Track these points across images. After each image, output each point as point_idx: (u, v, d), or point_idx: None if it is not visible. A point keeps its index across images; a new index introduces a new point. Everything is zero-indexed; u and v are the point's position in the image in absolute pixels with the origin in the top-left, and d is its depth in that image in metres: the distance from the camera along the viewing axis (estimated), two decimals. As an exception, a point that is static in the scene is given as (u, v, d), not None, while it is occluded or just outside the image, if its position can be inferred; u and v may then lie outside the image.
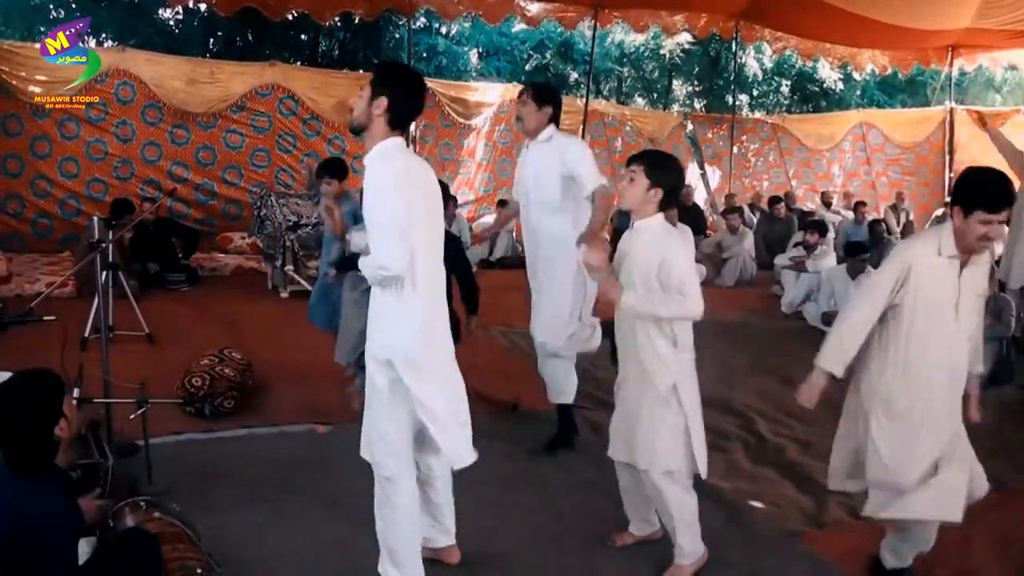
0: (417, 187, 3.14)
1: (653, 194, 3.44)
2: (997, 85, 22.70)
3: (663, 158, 3.61)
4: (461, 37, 20.65)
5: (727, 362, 7.00)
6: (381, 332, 3.19)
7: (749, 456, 5.13)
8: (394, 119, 3.14)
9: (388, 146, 3.14)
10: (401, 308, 3.11)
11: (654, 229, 3.46)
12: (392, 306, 3.13)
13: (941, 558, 3.84)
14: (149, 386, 4.19)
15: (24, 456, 2.65)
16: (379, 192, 3.05)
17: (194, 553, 3.07)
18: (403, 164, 3.12)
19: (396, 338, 3.14)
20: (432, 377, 3.20)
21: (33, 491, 2.61)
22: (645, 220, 3.47)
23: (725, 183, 16.57)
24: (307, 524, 3.96)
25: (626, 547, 3.87)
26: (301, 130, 12.49)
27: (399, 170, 3.09)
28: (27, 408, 2.67)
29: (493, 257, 12.51)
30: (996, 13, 12.85)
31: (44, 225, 10.96)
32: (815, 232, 9.95)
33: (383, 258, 3.00)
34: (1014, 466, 5.03)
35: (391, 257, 3.00)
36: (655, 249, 3.39)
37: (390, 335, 3.16)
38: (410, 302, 3.11)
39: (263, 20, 13.55)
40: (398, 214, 3.00)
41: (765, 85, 22.96)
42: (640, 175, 3.44)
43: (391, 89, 3.12)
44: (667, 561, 3.66)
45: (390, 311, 3.14)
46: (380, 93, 3.11)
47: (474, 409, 3.50)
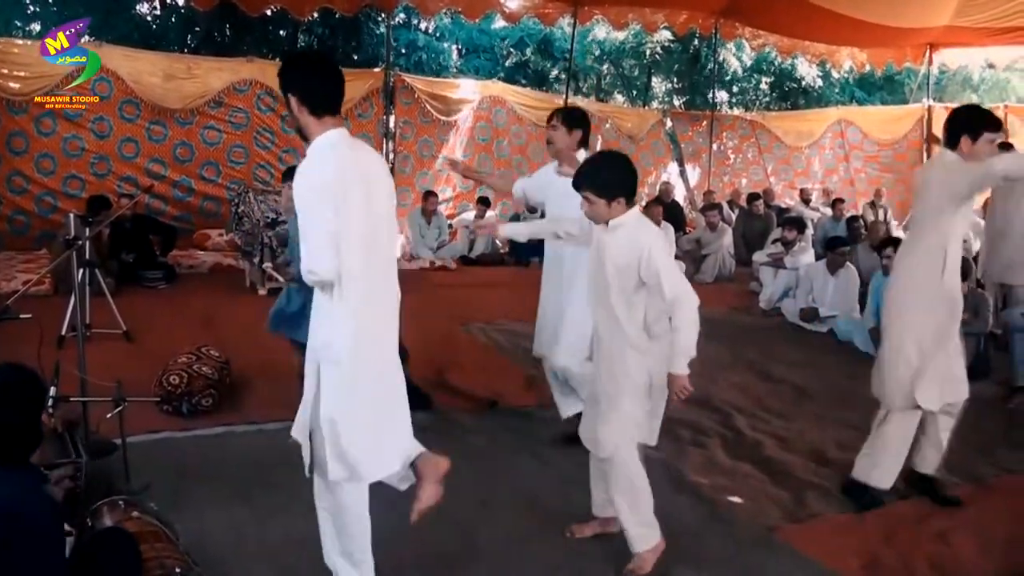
0: (353, 184, 3.05)
1: (616, 204, 3.45)
2: (975, 84, 22.88)
3: (605, 169, 3.55)
4: (441, 33, 20.62)
5: (706, 358, 6.99)
6: (314, 333, 3.15)
7: (727, 451, 5.15)
8: (314, 106, 3.08)
9: (327, 140, 3.08)
10: (333, 310, 3.06)
11: (629, 224, 3.48)
12: (325, 307, 3.09)
13: (921, 552, 3.88)
14: (126, 384, 4.16)
15: (9, 448, 2.63)
16: (306, 199, 2.99)
17: (172, 552, 3.05)
18: (338, 162, 3.05)
19: (327, 339, 3.09)
20: (354, 383, 3.11)
21: (14, 482, 2.59)
22: (619, 218, 3.49)
23: (704, 180, 16.65)
24: (286, 522, 3.94)
25: (599, 538, 3.89)
26: (279, 126, 12.40)
27: (328, 174, 3.01)
28: (14, 399, 2.65)
29: (473, 254, 12.50)
30: (974, 11, 12.96)
31: (21, 222, 10.85)
32: (793, 229, 9.99)
33: (311, 263, 2.97)
34: (992, 461, 5.10)
35: (318, 262, 2.96)
36: (633, 245, 3.41)
37: (322, 336, 3.11)
38: (340, 305, 3.05)
39: (241, 15, 13.49)
40: (326, 220, 2.95)
41: (744, 82, 23.09)
42: (593, 196, 3.46)
43: (293, 82, 3.11)
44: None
45: (324, 312, 3.11)
46: (288, 91, 3.11)
47: (453, 405, 3.51)
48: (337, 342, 3.06)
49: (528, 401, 5.84)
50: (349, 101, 11.83)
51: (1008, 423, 5.83)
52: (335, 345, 3.06)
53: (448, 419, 5.41)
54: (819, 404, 6.10)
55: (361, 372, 3.12)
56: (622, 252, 3.46)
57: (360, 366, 3.11)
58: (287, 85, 3.12)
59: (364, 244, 3.07)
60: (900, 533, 4.07)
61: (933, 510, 4.34)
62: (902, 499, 4.48)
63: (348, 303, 3.04)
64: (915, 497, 4.48)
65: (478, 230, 3.39)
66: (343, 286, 3.02)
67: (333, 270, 2.98)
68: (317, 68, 3.18)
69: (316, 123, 3.09)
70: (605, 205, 3.45)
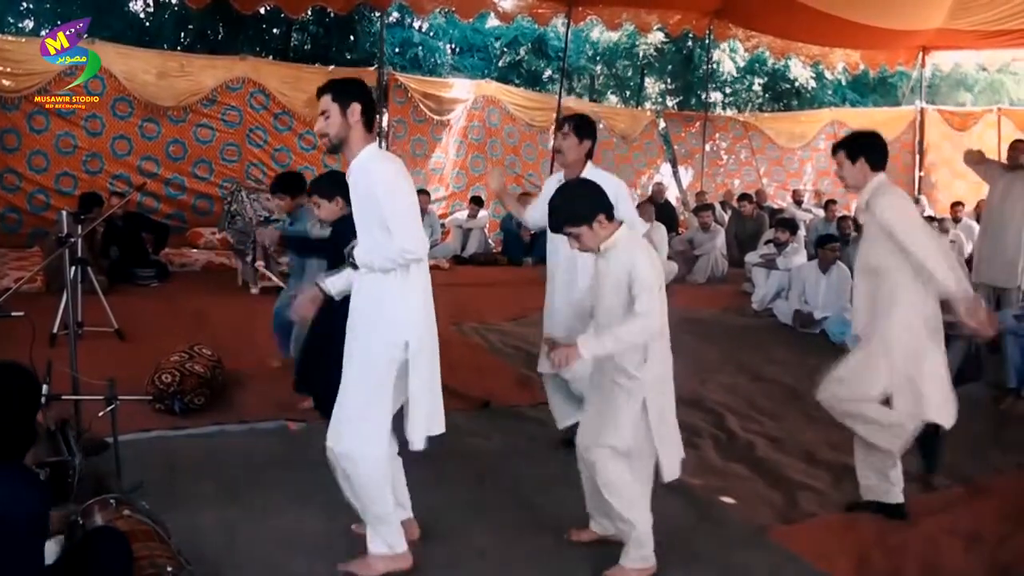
0: (406, 180, 3.39)
1: (598, 225, 3.43)
2: (968, 86, 22.93)
3: (568, 202, 3.53)
4: (435, 32, 20.60)
5: (698, 359, 7.04)
6: (392, 314, 3.35)
7: (719, 452, 5.16)
8: (368, 122, 3.37)
9: (374, 150, 3.39)
10: (408, 294, 3.36)
11: (620, 244, 3.46)
12: (398, 289, 3.34)
13: (910, 553, 3.89)
14: (118, 383, 4.15)
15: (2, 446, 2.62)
16: (390, 185, 3.29)
17: (164, 551, 3.05)
18: (394, 164, 3.41)
19: (407, 318, 3.36)
20: (432, 355, 3.46)
21: (4, 481, 2.58)
22: (609, 240, 3.46)
23: (697, 181, 16.67)
24: (278, 521, 3.94)
25: (594, 544, 3.87)
26: (272, 125, 12.43)
27: (399, 167, 3.39)
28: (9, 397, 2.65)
29: (466, 253, 12.51)
30: (968, 14, 12.98)
31: (12, 219, 10.82)
32: (786, 230, 10.02)
33: (407, 242, 3.24)
34: (983, 462, 5.12)
35: (414, 241, 3.26)
36: (624, 261, 3.40)
37: (400, 316, 3.35)
38: (410, 289, 3.36)
39: (235, 14, 13.51)
40: (412, 202, 3.34)
41: (738, 83, 23.08)
42: (574, 229, 3.46)
43: (360, 94, 3.37)
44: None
45: (396, 294, 3.35)
46: (351, 101, 3.33)
47: (447, 406, 3.52)
48: (418, 322, 3.39)
49: (521, 400, 5.85)
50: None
51: (999, 424, 5.84)
52: (416, 324, 3.38)
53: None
54: (811, 405, 6.06)
55: (428, 347, 3.43)
56: (616, 271, 3.44)
57: (428, 342, 3.43)
58: (352, 95, 3.36)
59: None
60: (891, 534, 4.06)
61: (924, 511, 4.34)
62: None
63: (417, 285, 3.40)
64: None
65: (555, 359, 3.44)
66: (412, 269, 3.36)
67: (425, 247, 3.34)
68: (369, 92, 3.50)
69: (364, 138, 3.38)
70: (589, 231, 3.44)
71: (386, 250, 3.28)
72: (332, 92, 3.34)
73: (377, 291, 3.37)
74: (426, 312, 3.44)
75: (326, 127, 3.34)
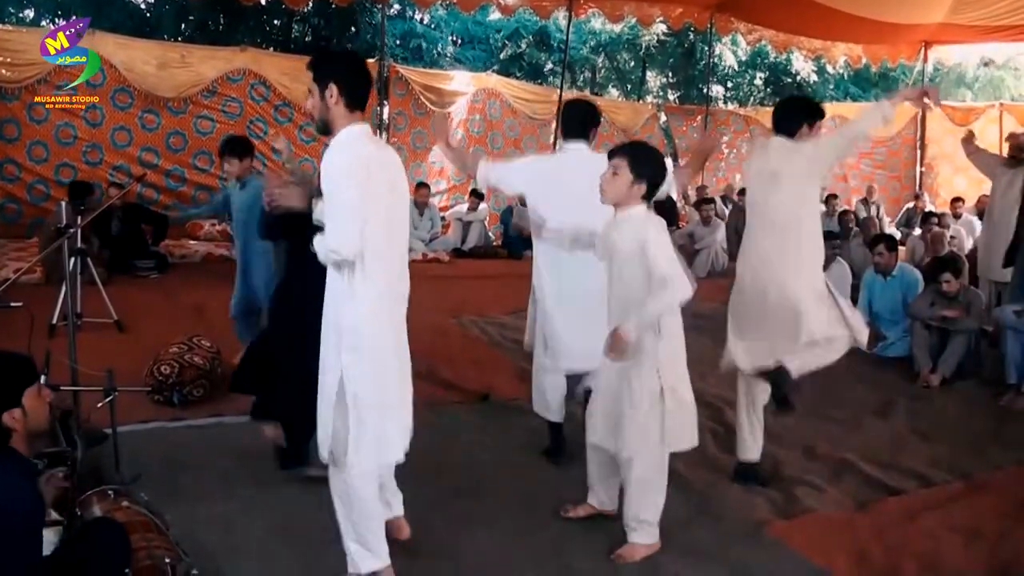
0: (379, 174, 3.19)
1: (637, 188, 3.45)
2: (969, 81, 22.87)
3: (647, 151, 3.61)
4: (436, 24, 20.55)
5: (697, 352, 6.98)
6: (336, 318, 3.22)
7: (718, 446, 5.16)
8: (349, 101, 3.19)
9: (353, 132, 3.20)
10: (357, 292, 3.15)
11: (635, 218, 3.47)
12: (346, 291, 3.16)
13: (909, 549, 3.89)
14: (117, 374, 4.13)
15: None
16: (334, 179, 3.09)
17: (162, 542, 3.05)
18: (364, 152, 3.18)
19: (352, 324, 3.17)
20: (373, 363, 3.22)
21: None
22: (627, 209, 3.48)
23: (698, 175, 16.61)
24: (275, 513, 3.95)
25: (594, 531, 3.89)
26: (272, 116, 12.38)
27: (357, 158, 3.14)
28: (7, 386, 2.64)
29: (466, 246, 12.50)
30: (969, 9, 12.96)
31: (12, 210, 10.81)
32: (786, 225, 9.96)
33: (334, 241, 3.07)
34: (981, 458, 5.11)
35: (342, 241, 3.06)
36: (636, 235, 3.41)
37: (347, 322, 3.18)
38: (365, 287, 3.15)
39: (235, 4, 13.47)
40: (352, 199, 3.06)
41: (739, 77, 23.03)
42: (624, 168, 3.45)
43: (336, 72, 3.19)
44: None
45: (344, 296, 3.17)
46: (328, 81, 3.17)
47: (445, 399, 3.51)
48: (364, 327, 3.17)
49: (520, 394, 5.84)
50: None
51: (999, 420, 5.84)
52: (362, 329, 3.17)
53: (439, 412, 5.40)
54: (809, 399, 6.10)
55: (385, 353, 3.26)
56: (627, 243, 3.46)
57: (384, 347, 3.25)
58: (328, 75, 3.19)
59: (387, 229, 3.19)
60: (889, 530, 4.07)
61: (923, 507, 4.35)
62: (892, 495, 4.49)
63: (375, 285, 3.16)
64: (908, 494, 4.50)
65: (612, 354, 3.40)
66: (367, 268, 3.13)
67: (356, 249, 3.08)
68: (356, 65, 3.30)
69: (346, 117, 3.20)
70: (628, 182, 3.45)
71: (322, 243, 3.13)
72: (313, 70, 3.24)
73: (330, 288, 3.26)
74: (372, 319, 3.19)
75: (310, 107, 3.26)
